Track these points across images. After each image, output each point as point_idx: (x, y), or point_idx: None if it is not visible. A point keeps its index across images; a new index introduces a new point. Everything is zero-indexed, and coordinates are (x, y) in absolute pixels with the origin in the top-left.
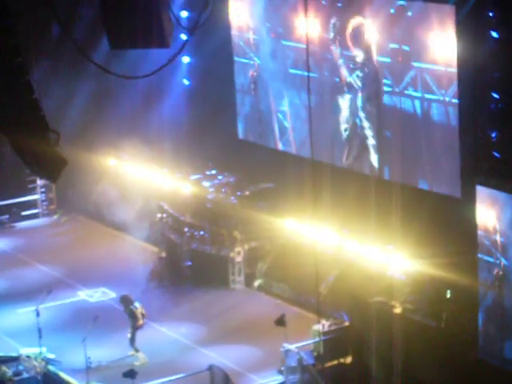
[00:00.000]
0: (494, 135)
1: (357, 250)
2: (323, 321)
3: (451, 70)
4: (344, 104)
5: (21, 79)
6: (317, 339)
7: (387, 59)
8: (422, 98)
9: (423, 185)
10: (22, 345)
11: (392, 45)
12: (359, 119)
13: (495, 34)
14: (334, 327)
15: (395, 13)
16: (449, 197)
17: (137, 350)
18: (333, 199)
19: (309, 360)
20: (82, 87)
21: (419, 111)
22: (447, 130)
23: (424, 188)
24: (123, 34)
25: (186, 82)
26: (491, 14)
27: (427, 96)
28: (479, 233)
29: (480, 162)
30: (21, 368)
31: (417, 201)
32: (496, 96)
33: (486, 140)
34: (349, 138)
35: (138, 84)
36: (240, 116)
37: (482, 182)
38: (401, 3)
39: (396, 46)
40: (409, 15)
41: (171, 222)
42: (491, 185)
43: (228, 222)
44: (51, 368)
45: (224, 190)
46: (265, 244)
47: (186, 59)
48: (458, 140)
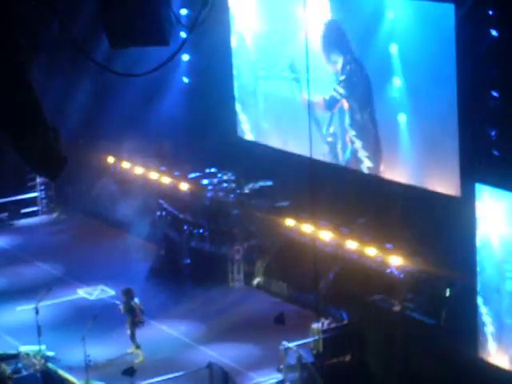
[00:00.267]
0: (494, 133)
1: (356, 249)
2: (322, 319)
3: None
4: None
5: (21, 77)
6: (316, 337)
7: None
8: None
9: (422, 183)
10: (22, 342)
11: None
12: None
13: (495, 33)
14: (334, 325)
15: None
16: (448, 195)
17: (138, 347)
18: (332, 197)
19: (308, 358)
20: (82, 84)
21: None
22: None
23: (423, 186)
24: (122, 33)
25: (186, 80)
26: (491, 13)
27: None
28: (478, 231)
29: (479, 160)
30: (20, 366)
31: (416, 199)
32: (495, 94)
33: (485, 138)
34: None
35: (138, 82)
36: (239, 114)
37: (481, 180)
38: None
39: None
40: None
41: (170, 220)
42: (490, 183)
43: (227, 220)
44: (50, 366)
45: (223, 188)
46: (264, 242)
47: (186, 57)
48: (457, 138)
